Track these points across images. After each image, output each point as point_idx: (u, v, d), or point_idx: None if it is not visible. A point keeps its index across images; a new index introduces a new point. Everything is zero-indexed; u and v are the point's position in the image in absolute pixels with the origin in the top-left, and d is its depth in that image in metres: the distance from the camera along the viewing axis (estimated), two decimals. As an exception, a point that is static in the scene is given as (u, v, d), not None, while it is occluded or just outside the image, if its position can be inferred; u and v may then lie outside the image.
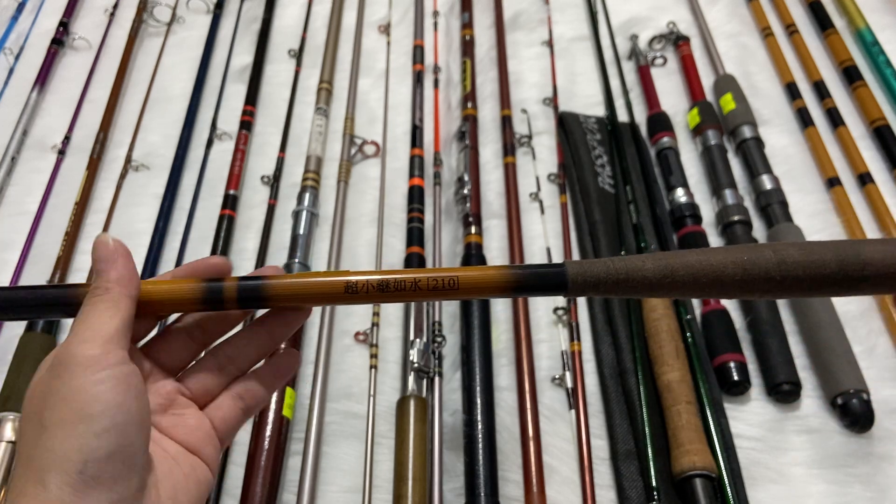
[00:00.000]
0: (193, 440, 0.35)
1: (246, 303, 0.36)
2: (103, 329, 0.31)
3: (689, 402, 0.65)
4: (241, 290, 0.36)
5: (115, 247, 0.34)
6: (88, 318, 0.32)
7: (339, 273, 0.36)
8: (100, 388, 0.30)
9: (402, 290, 0.36)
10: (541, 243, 0.81)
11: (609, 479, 0.65)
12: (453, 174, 0.88)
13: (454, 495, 0.63)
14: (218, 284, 0.36)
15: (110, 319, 0.32)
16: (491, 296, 0.37)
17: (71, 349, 0.31)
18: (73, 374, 0.30)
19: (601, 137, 0.90)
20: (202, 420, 0.36)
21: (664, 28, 1.04)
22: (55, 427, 0.29)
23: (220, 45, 1.06)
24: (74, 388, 0.30)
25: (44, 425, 0.30)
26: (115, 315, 0.32)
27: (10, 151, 0.92)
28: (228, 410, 0.36)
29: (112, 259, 0.34)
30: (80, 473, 0.29)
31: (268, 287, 0.36)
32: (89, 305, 0.33)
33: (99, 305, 0.32)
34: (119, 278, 0.33)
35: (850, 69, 0.96)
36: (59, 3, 1.12)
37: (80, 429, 0.29)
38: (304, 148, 0.91)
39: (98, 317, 0.32)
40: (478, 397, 0.66)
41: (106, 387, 0.30)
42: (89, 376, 0.30)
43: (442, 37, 1.06)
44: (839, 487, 0.63)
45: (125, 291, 0.33)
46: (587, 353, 0.72)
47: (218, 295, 0.35)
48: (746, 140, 0.88)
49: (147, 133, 0.95)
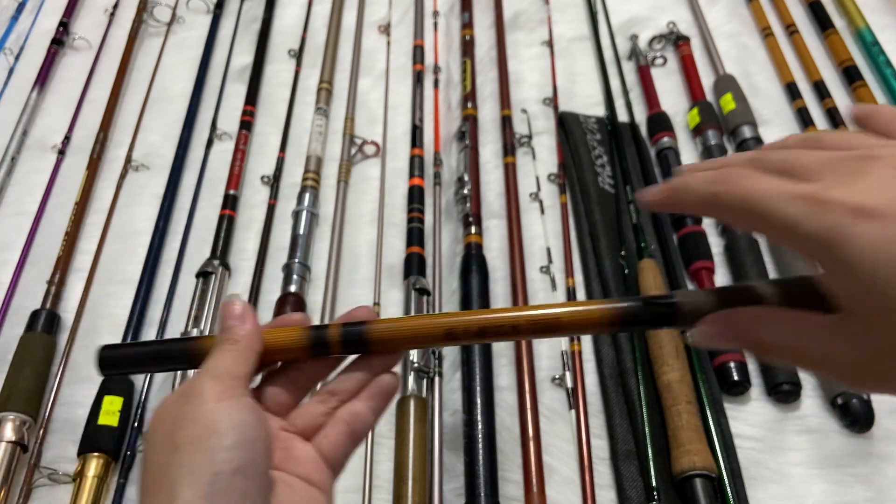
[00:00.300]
0: (304, 470, 0.36)
1: (349, 347, 0.37)
2: (231, 368, 0.35)
3: (689, 402, 0.65)
4: (345, 335, 0.37)
5: (243, 308, 0.37)
6: (218, 360, 0.35)
7: (439, 316, 0.37)
8: (228, 410, 0.32)
9: (502, 333, 0.36)
10: (541, 243, 0.81)
11: (609, 479, 0.65)
12: (453, 174, 0.88)
13: (454, 495, 0.63)
14: (322, 331, 0.37)
15: (237, 365, 0.35)
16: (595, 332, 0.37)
17: (201, 382, 0.34)
18: (203, 400, 0.33)
19: (601, 137, 0.90)
20: (309, 451, 0.37)
21: (664, 28, 1.04)
22: (186, 444, 0.31)
23: (220, 45, 1.06)
24: (204, 410, 0.32)
25: (175, 445, 0.32)
26: (242, 363, 0.35)
27: (10, 151, 0.92)
28: (335, 437, 0.37)
29: (242, 318, 0.37)
30: (210, 486, 0.30)
31: (370, 332, 0.37)
32: (220, 351, 0.36)
33: (229, 351, 0.36)
34: (247, 335, 0.36)
35: (850, 69, 0.96)
36: (59, 3, 1.12)
37: (210, 443, 0.31)
38: (304, 148, 0.91)
39: (226, 360, 0.35)
40: (478, 397, 0.66)
41: (234, 408, 0.33)
42: (217, 402, 0.33)
43: (442, 37, 1.06)
44: (839, 487, 0.63)
45: (251, 346, 0.36)
46: (587, 353, 0.72)
47: (323, 341, 0.37)
48: (746, 140, 0.88)
49: (147, 133, 0.95)
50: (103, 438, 0.65)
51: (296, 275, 0.77)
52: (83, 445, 0.65)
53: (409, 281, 0.76)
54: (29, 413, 0.67)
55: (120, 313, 0.76)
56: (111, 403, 0.67)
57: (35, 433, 0.67)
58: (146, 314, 0.77)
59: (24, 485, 0.64)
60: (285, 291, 0.76)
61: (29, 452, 0.66)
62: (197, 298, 0.74)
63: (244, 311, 0.37)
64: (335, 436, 0.37)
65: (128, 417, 0.68)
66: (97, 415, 0.66)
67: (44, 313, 0.75)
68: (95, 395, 0.68)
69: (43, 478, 0.65)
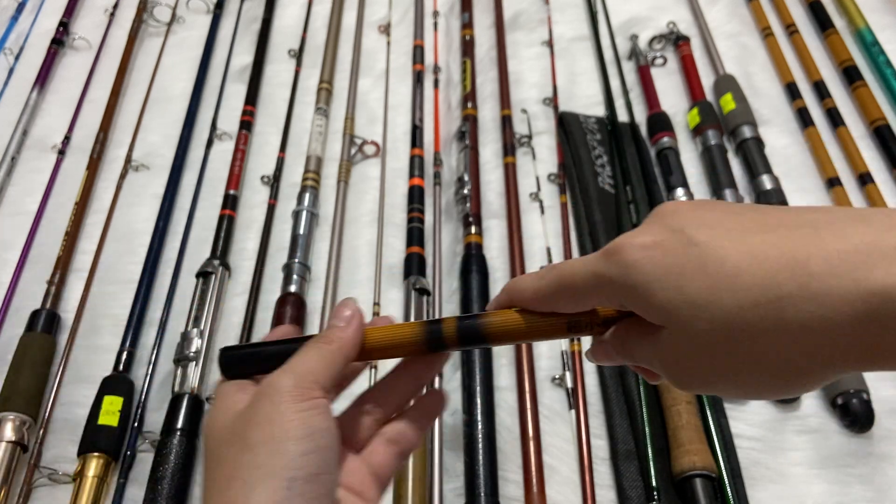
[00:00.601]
0: (356, 484, 0.36)
1: (466, 342, 0.36)
2: (314, 370, 0.34)
3: (689, 401, 0.65)
4: (461, 330, 0.36)
5: (353, 313, 0.36)
6: (303, 359, 0.34)
7: None
8: (306, 414, 0.32)
9: None
10: (541, 243, 0.81)
11: (609, 479, 0.65)
12: (453, 174, 0.88)
13: (454, 495, 0.63)
14: (437, 326, 0.36)
15: (323, 366, 0.34)
16: None
17: (280, 380, 0.33)
18: (281, 400, 0.32)
19: (601, 137, 0.90)
20: (360, 465, 0.37)
21: (664, 28, 1.04)
22: (261, 446, 0.31)
23: (220, 45, 1.06)
24: (280, 410, 0.32)
25: (248, 444, 0.31)
26: (329, 364, 0.34)
27: (10, 151, 0.92)
28: (383, 456, 0.37)
29: (348, 321, 0.36)
30: (286, 489, 0.30)
31: (486, 325, 0.35)
32: (311, 348, 0.35)
33: (320, 351, 0.35)
34: (344, 338, 0.35)
35: (850, 69, 0.96)
36: (59, 3, 1.12)
37: (287, 446, 0.31)
38: (304, 148, 0.91)
39: (313, 358, 0.34)
40: (478, 397, 0.66)
41: (311, 413, 0.32)
42: (294, 404, 0.32)
43: (442, 37, 1.06)
44: (839, 487, 0.63)
45: (345, 350, 0.35)
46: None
47: (438, 335, 0.36)
48: (746, 140, 0.88)
49: (147, 133, 0.95)
50: (103, 438, 0.65)
51: (296, 275, 0.77)
52: (83, 445, 0.65)
53: (409, 281, 0.76)
54: (29, 413, 0.67)
55: (120, 313, 0.76)
56: (111, 403, 0.67)
57: (35, 433, 0.67)
58: (146, 314, 0.77)
59: (24, 485, 0.64)
60: (285, 291, 0.76)
61: (29, 452, 0.66)
62: (197, 298, 0.74)
63: (353, 315, 0.36)
64: (384, 455, 0.37)
65: (128, 417, 0.68)
66: (97, 415, 0.66)
67: (44, 313, 0.75)
68: (95, 395, 0.68)
69: (43, 478, 0.65)
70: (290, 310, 0.73)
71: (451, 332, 0.36)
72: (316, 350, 0.35)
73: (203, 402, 0.68)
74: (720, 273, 0.27)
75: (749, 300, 0.27)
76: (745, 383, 0.29)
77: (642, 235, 0.30)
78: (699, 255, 0.28)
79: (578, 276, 0.32)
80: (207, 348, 0.71)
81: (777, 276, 0.26)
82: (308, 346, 0.35)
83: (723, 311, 0.27)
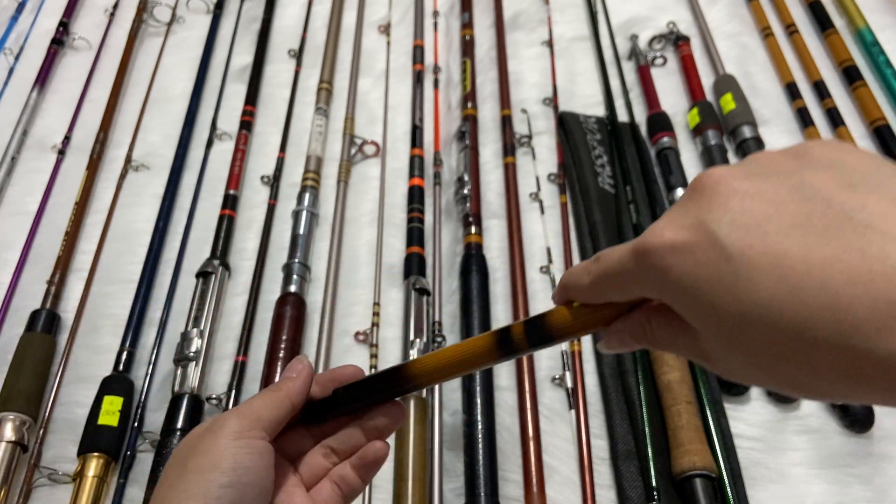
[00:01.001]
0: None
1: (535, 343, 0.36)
2: (260, 413, 0.37)
3: (689, 402, 0.65)
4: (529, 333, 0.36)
5: (304, 367, 0.40)
6: (254, 401, 0.38)
7: None
8: (238, 451, 0.35)
9: None
10: (541, 243, 0.81)
11: (609, 479, 0.65)
12: (453, 174, 0.88)
13: (454, 495, 0.63)
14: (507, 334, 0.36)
15: (269, 411, 0.37)
16: None
17: (227, 418, 0.36)
18: (220, 435, 0.36)
19: (601, 137, 0.90)
20: (307, 501, 0.39)
21: (664, 28, 1.04)
22: (192, 472, 0.35)
23: (220, 45, 1.06)
24: (217, 444, 0.35)
25: (185, 470, 0.35)
26: (272, 409, 0.38)
27: (10, 151, 0.92)
28: (328, 495, 0.40)
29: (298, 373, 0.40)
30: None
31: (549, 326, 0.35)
32: (262, 394, 0.39)
33: (268, 397, 0.38)
34: (293, 388, 0.39)
35: (850, 69, 0.96)
36: (59, 3, 1.12)
37: (210, 476, 0.34)
38: (304, 148, 0.91)
39: (258, 403, 0.38)
40: (478, 397, 0.66)
41: (243, 451, 0.35)
42: (231, 441, 0.35)
43: (442, 37, 1.06)
44: (839, 487, 0.63)
45: (291, 398, 0.39)
46: (587, 353, 0.72)
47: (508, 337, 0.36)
48: (746, 140, 0.88)
49: (147, 133, 0.95)
50: (103, 438, 0.65)
51: (296, 275, 0.77)
52: (83, 445, 0.65)
53: (409, 281, 0.76)
54: (29, 413, 0.67)
55: (120, 313, 0.76)
56: (111, 403, 0.67)
57: (35, 433, 0.67)
58: (146, 314, 0.77)
59: (24, 485, 0.64)
60: (285, 291, 0.76)
61: (29, 452, 0.66)
62: (197, 298, 0.74)
63: (303, 369, 0.40)
64: (328, 493, 0.40)
65: (128, 417, 0.68)
66: (97, 415, 0.66)
67: (44, 313, 0.75)
68: (95, 395, 0.68)
69: (43, 478, 0.65)
70: (290, 310, 0.73)
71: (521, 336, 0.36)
72: (264, 396, 0.38)
73: (203, 402, 0.68)
74: (754, 302, 0.24)
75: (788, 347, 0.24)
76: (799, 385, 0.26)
77: (673, 229, 0.27)
78: (732, 273, 0.25)
79: (615, 271, 0.31)
80: (207, 348, 0.71)
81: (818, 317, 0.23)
82: (261, 392, 0.39)
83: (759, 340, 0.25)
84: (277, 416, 0.38)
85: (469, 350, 0.37)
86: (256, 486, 0.36)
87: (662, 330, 0.31)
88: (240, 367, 0.71)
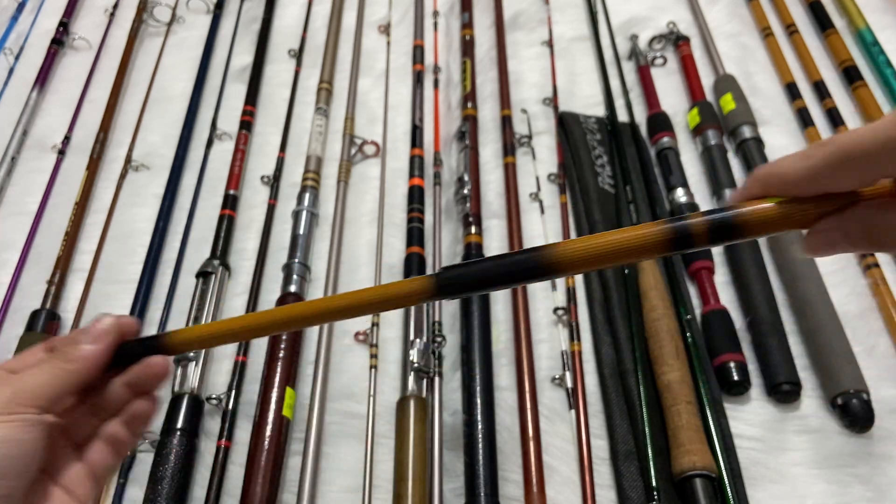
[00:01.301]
0: (67, 482, 0.37)
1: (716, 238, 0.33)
2: (37, 388, 0.35)
3: (689, 402, 0.65)
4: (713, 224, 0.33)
5: (107, 330, 0.38)
6: (35, 373, 0.35)
7: None
8: None
9: None
10: (541, 243, 0.80)
11: (609, 479, 0.65)
12: (453, 174, 0.88)
13: (454, 495, 0.63)
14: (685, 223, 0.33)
15: (51, 386, 0.35)
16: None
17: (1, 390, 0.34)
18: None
19: (601, 137, 0.90)
20: (77, 464, 0.38)
21: (664, 28, 1.04)
22: None
23: (220, 45, 1.06)
24: None
25: None
26: (58, 384, 0.35)
27: (10, 151, 0.92)
28: (100, 454, 0.39)
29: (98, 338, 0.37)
30: None
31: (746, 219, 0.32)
32: (46, 365, 0.36)
33: (53, 371, 0.36)
34: (88, 359, 0.37)
35: (850, 69, 0.96)
36: (59, 3, 1.12)
37: None
38: (304, 148, 0.91)
39: (43, 377, 0.35)
40: (478, 397, 0.66)
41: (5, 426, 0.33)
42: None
43: (442, 37, 1.06)
44: (839, 487, 0.63)
45: (81, 374, 0.36)
46: (587, 353, 0.72)
47: (685, 229, 0.33)
48: (746, 140, 0.88)
49: (147, 133, 0.95)
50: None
51: (296, 275, 0.77)
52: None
53: (409, 281, 0.75)
54: (29, 413, 0.67)
55: (120, 313, 0.76)
56: (111, 403, 0.67)
57: (35, 433, 0.67)
58: (146, 314, 0.77)
59: (24, 485, 0.64)
60: (285, 291, 0.76)
61: (29, 452, 0.66)
62: (197, 298, 0.74)
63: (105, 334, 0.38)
64: (100, 453, 0.39)
65: (128, 417, 0.68)
66: (97, 415, 0.66)
67: (44, 313, 0.75)
68: (95, 395, 0.68)
69: None
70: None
71: (702, 229, 0.33)
72: (50, 369, 0.36)
73: (203, 402, 0.68)
74: None
75: None
76: None
77: None
78: None
79: (868, 142, 0.27)
80: (207, 349, 0.71)
81: None
82: (46, 362, 0.36)
83: None
84: (60, 393, 0.36)
85: (633, 239, 0.34)
86: (17, 459, 0.34)
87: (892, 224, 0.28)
88: (240, 367, 0.71)
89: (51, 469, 0.37)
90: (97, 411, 0.39)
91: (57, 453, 0.37)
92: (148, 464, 0.64)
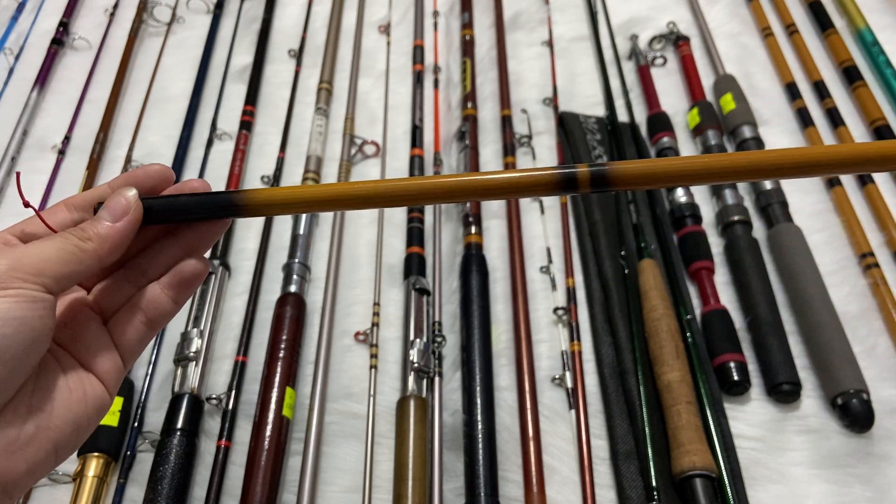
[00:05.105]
0: (89, 357, 0.33)
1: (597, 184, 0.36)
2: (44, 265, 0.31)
3: (689, 402, 0.65)
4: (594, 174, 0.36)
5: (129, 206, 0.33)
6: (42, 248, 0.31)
7: None
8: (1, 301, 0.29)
9: None
10: (541, 243, 0.81)
11: (609, 479, 0.65)
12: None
13: (454, 495, 0.63)
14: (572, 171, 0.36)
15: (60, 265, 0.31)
16: None
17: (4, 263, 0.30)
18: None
19: (601, 137, 0.90)
20: (102, 335, 0.34)
21: (664, 28, 1.04)
22: None
23: (220, 45, 1.06)
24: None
25: None
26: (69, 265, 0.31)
27: (10, 151, 0.92)
28: (130, 325, 0.34)
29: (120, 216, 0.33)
30: None
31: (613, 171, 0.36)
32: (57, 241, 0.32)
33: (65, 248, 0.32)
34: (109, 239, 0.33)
35: (850, 69, 0.96)
36: (59, 3, 1.12)
37: None
38: (304, 148, 0.91)
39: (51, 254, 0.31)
40: (478, 397, 0.66)
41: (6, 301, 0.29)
42: None
43: (442, 37, 1.06)
44: (839, 487, 0.63)
45: (100, 254, 0.32)
46: (587, 353, 0.72)
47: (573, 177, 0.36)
48: (746, 140, 0.88)
49: (147, 133, 0.95)
50: (103, 438, 0.65)
51: (296, 275, 0.77)
52: (83, 445, 0.65)
53: (409, 281, 0.76)
54: (29, 413, 0.67)
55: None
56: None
57: (35, 433, 0.67)
58: (146, 314, 0.77)
59: (24, 485, 0.64)
60: (285, 291, 0.76)
61: (29, 452, 0.66)
62: (197, 298, 0.74)
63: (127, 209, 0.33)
64: (131, 324, 0.34)
65: (128, 417, 0.68)
66: (97, 415, 0.66)
67: (44, 313, 0.75)
68: (95, 395, 0.68)
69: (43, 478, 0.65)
70: (290, 310, 0.73)
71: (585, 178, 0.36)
72: (60, 244, 0.32)
73: (203, 402, 0.68)
74: None
75: None
76: None
77: None
78: None
79: None
80: (207, 348, 0.71)
81: None
82: (57, 237, 0.32)
83: None
84: (68, 274, 0.31)
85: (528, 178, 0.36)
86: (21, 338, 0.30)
87: None
88: (240, 367, 0.71)
89: (67, 343, 0.33)
90: (133, 276, 0.35)
91: (78, 325, 0.33)
92: (148, 464, 0.64)
